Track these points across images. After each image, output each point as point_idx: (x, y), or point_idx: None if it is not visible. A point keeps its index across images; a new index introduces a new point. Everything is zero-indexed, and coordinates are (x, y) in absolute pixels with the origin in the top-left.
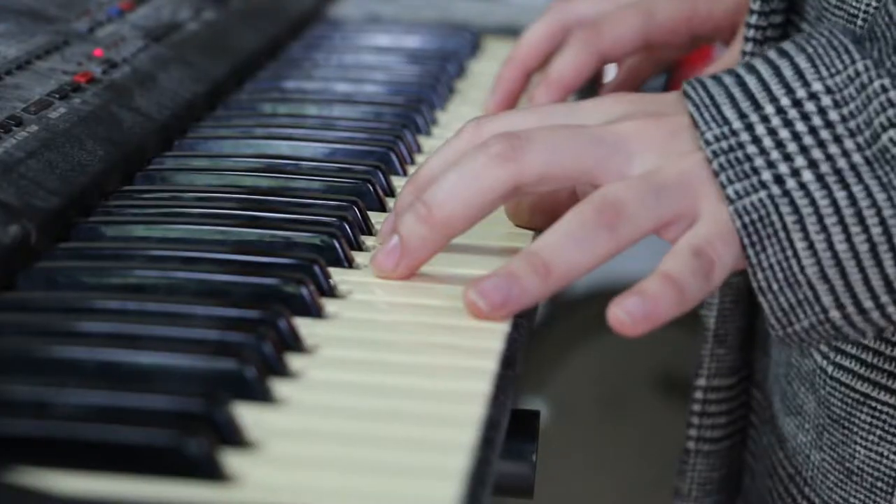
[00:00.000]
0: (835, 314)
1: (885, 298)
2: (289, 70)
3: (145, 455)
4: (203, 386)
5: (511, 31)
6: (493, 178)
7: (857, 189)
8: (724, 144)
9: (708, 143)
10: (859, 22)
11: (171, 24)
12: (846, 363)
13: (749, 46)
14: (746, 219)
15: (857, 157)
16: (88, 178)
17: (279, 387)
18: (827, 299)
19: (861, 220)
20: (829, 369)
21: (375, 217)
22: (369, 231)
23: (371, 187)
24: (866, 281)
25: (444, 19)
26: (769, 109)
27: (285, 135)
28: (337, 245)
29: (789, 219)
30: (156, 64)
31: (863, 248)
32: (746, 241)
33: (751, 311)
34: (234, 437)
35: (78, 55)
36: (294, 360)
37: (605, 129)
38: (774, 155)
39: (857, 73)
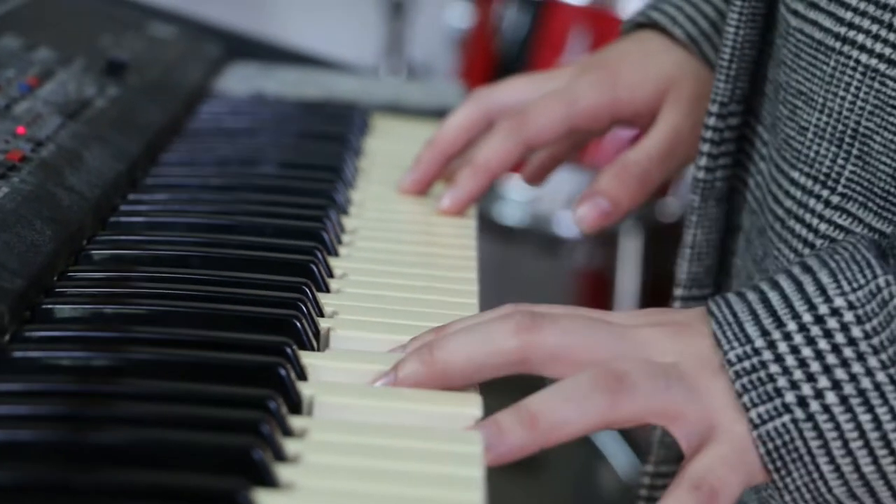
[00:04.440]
0: None
1: None
2: (199, 146)
3: None
4: (215, 467)
5: (395, 109)
6: (504, 343)
7: (881, 411)
8: (746, 364)
9: (731, 363)
10: (809, 135)
11: (81, 100)
12: None
13: (706, 147)
14: (770, 445)
15: (881, 376)
16: (43, 258)
17: (280, 470)
18: None
19: (887, 444)
20: None
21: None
22: (320, 313)
23: (316, 268)
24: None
25: (328, 96)
26: (791, 326)
27: (213, 210)
28: (300, 326)
29: (814, 444)
30: (78, 142)
31: (890, 469)
32: (771, 466)
33: None
34: None
35: (2, 133)
36: (287, 444)
37: (626, 328)
38: (797, 375)
39: (879, 289)
